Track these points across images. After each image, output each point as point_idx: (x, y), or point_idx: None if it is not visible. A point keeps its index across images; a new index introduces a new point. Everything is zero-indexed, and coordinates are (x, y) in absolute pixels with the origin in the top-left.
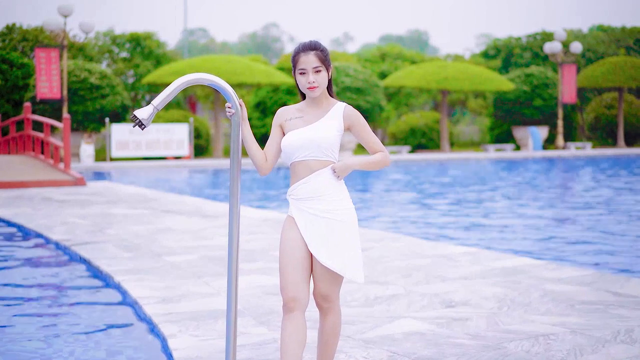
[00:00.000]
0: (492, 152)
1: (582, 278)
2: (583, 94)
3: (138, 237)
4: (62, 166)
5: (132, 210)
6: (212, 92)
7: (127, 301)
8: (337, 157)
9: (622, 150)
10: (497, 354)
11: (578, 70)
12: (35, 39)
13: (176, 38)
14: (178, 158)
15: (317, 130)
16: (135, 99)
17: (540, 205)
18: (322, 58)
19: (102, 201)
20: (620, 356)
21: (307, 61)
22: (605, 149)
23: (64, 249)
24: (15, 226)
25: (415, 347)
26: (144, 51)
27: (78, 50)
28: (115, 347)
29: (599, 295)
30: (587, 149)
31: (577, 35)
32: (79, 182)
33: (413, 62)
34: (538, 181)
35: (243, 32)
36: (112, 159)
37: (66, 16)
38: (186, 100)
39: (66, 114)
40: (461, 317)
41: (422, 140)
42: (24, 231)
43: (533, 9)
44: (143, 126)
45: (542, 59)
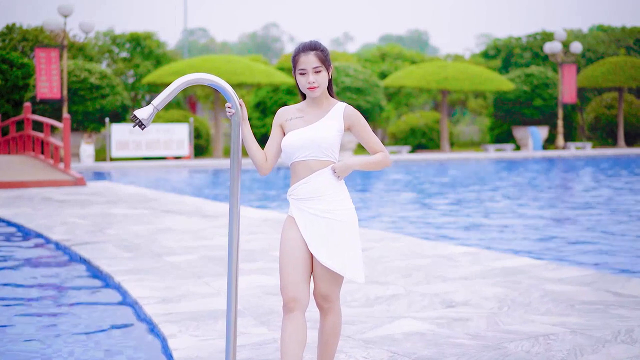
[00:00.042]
0: (492, 152)
1: (583, 278)
2: (583, 94)
3: (138, 237)
4: (62, 166)
5: (132, 210)
6: (212, 92)
7: (127, 301)
8: (338, 157)
9: (622, 150)
10: (498, 354)
11: (578, 70)
12: (35, 39)
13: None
14: (178, 158)
15: (318, 130)
16: (135, 99)
17: (540, 205)
18: (322, 58)
19: (102, 201)
20: (620, 356)
21: (307, 61)
22: (605, 149)
23: (64, 249)
24: (15, 226)
25: (415, 347)
26: (144, 51)
27: (78, 50)
28: (115, 347)
29: (599, 295)
30: (587, 149)
31: (577, 35)
32: (79, 182)
33: (413, 62)
34: (538, 181)
35: (243, 32)
36: (112, 159)
37: (66, 16)
38: (186, 100)
39: (66, 114)
40: (461, 317)
41: (422, 140)
42: (24, 231)
43: (533, 9)
44: (143, 126)
45: (542, 59)
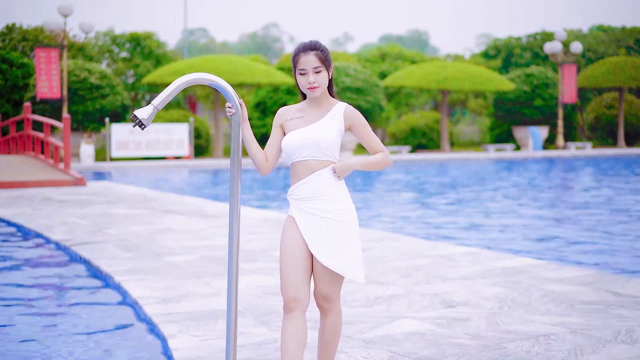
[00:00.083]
0: (492, 152)
1: (583, 278)
2: (583, 94)
3: (138, 237)
4: (62, 166)
5: (132, 210)
6: (212, 92)
7: (127, 301)
8: (338, 157)
9: (622, 150)
10: (498, 354)
11: (578, 70)
12: (35, 39)
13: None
14: (178, 158)
15: (318, 130)
16: (135, 99)
17: (540, 205)
18: (322, 58)
19: (102, 201)
20: (620, 356)
21: (307, 61)
22: (605, 149)
23: (64, 249)
24: (15, 226)
25: (415, 347)
26: (144, 51)
27: (78, 50)
28: (115, 347)
29: (600, 295)
30: (587, 149)
31: (577, 35)
32: (79, 182)
33: (413, 62)
34: (538, 181)
35: (243, 32)
36: (112, 159)
37: (66, 16)
38: (186, 100)
39: (66, 114)
40: (461, 317)
41: (422, 140)
42: (24, 231)
43: (533, 9)
44: (143, 126)
45: (542, 59)
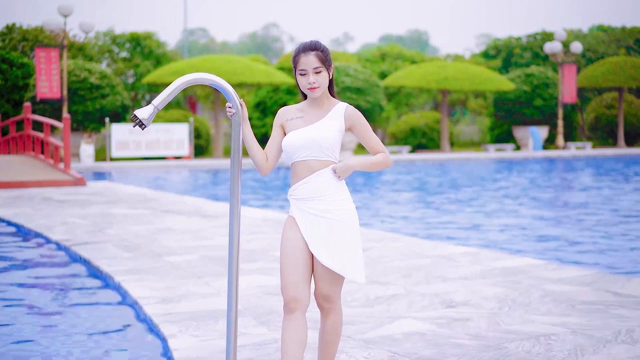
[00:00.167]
0: (493, 152)
1: (583, 278)
2: (583, 94)
3: (138, 237)
4: (62, 166)
5: (132, 210)
6: (212, 92)
7: (127, 301)
8: (338, 157)
9: (622, 150)
10: (498, 354)
11: (578, 70)
12: (35, 39)
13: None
14: (178, 158)
15: (318, 130)
16: (135, 99)
17: (540, 205)
18: (323, 58)
19: (102, 201)
20: (621, 356)
21: (308, 62)
22: (605, 149)
23: (64, 249)
24: (15, 226)
25: (415, 348)
26: (144, 51)
27: (78, 50)
28: (115, 348)
29: (600, 295)
30: (587, 149)
31: (577, 35)
32: (79, 182)
33: (413, 62)
34: (538, 181)
35: (243, 32)
36: (112, 159)
37: (66, 16)
38: (186, 100)
39: (66, 114)
40: (462, 318)
41: (423, 140)
42: (24, 231)
43: (533, 9)
44: (143, 126)
45: (542, 59)
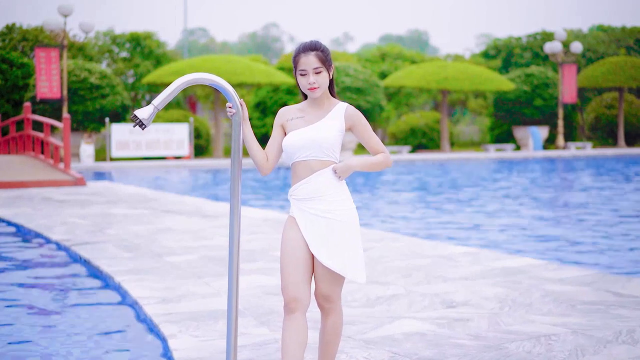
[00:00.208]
0: (493, 152)
1: (583, 278)
2: (583, 94)
3: (138, 237)
4: (62, 166)
5: (132, 210)
6: (212, 92)
7: (127, 301)
8: (339, 157)
9: (623, 150)
10: (499, 355)
11: (578, 70)
12: (35, 39)
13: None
14: (178, 158)
15: (319, 130)
16: (135, 99)
17: (540, 205)
18: (323, 58)
19: (102, 201)
20: (622, 357)
21: (308, 62)
22: (605, 149)
23: (64, 249)
24: (15, 226)
25: (416, 348)
26: (144, 51)
27: (78, 50)
28: (115, 348)
29: (600, 295)
30: (588, 149)
31: (577, 35)
32: (79, 182)
33: (413, 62)
34: (538, 181)
35: (243, 32)
36: (112, 159)
37: (66, 16)
38: (186, 100)
39: (66, 114)
40: (462, 318)
41: (423, 140)
42: (24, 231)
43: (533, 9)
44: (143, 126)
45: (543, 59)
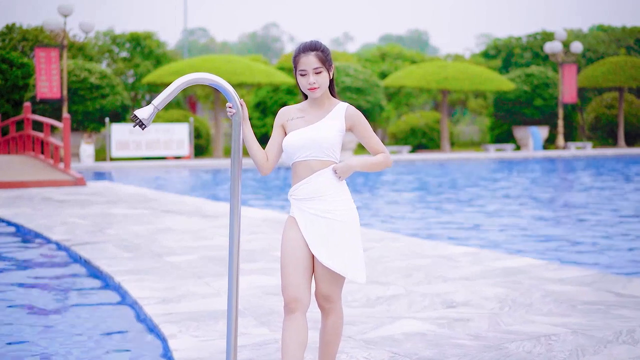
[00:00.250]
0: (493, 152)
1: (583, 278)
2: (583, 94)
3: (138, 237)
4: (62, 166)
5: (132, 210)
6: (212, 92)
7: (127, 301)
8: (339, 158)
9: (623, 150)
10: (499, 355)
11: (578, 70)
12: (35, 39)
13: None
14: (178, 158)
15: (319, 130)
16: (135, 99)
17: (540, 205)
18: (323, 59)
19: (102, 201)
20: (622, 357)
21: (308, 62)
22: (605, 149)
23: (64, 249)
24: (15, 226)
25: (416, 348)
26: (144, 51)
27: (78, 50)
28: (115, 348)
29: (601, 295)
30: (588, 149)
31: (578, 35)
32: (79, 182)
33: (413, 62)
34: (538, 181)
35: (243, 32)
36: (112, 159)
37: (66, 16)
38: (186, 100)
39: (66, 114)
40: (462, 318)
41: (423, 140)
42: (24, 231)
43: (533, 9)
44: (143, 126)
45: (543, 59)
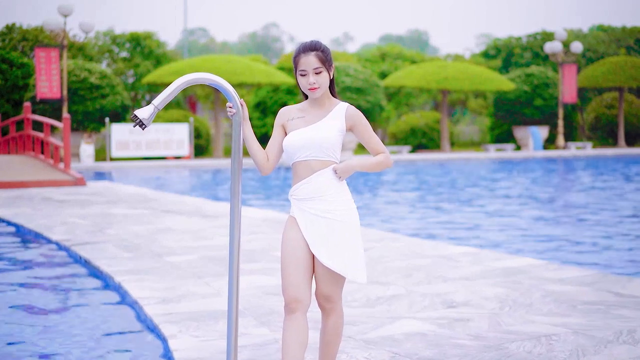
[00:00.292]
0: (493, 152)
1: (584, 278)
2: (583, 94)
3: (138, 237)
4: (62, 166)
5: (132, 210)
6: (212, 92)
7: (127, 301)
8: (339, 158)
9: (623, 150)
10: (499, 355)
11: (578, 70)
12: (35, 39)
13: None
14: (178, 158)
15: (319, 130)
16: (135, 99)
17: (540, 205)
18: (323, 59)
19: (102, 201)
20: (622, 357)
21: (308, 62)
22: (605, 149)
23: (64, 249)
24: (15, 226)
25: (416, 348)
26: (144, 51)
27: (78, 50)
28: (115, 348)
29: (601, 295)
30: (588, 149)
31: (578, 35)
32: (79, 182)
33: (413, 62)
34: (539, 181)
35: (243, 32)
36: (112, 159)
37: (66, 16)
38: (186, 100)
39: (66, 114)
40: (462, 318)
41: (423, 140)
42: (24, 231)
43: (533, 9)
44: (144, 126)
45: (543, 59)
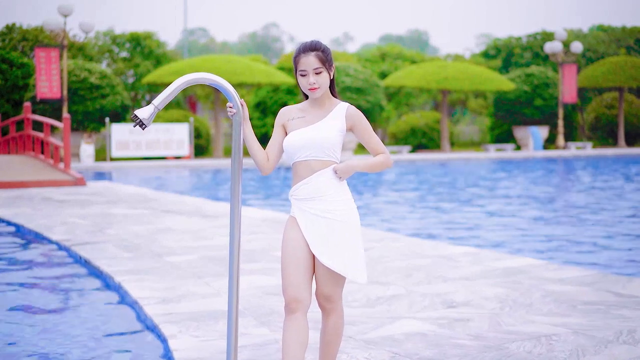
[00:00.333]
0: (493, 152)
1: (584, 278)
2: (583, 94)
3: (138, 237)
4: (62, 166)
5: (132, 210)
6: (212, 92)
7: (127, 301)
8: (340, 158)
9: (623, 150)
10: (499, 355)
11: (578, 70)
12: (35, 39)
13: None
14: (178, 158)
15: (319, 130)
16: (135, 99)
17: (540, 205)
18: (323, 59)
19: (102, 201)
20: (623, 357)
21: (308, 62)
22: (605, 149)
23: (64, 249)
24: (15, 226)
25: (416, 348)
26: (144, 51)
27: (78, 50)
28: (115, 348)
29: (601, 295)
30: (588, 149)
31: (578, 35)
32: (79, 182)
33: (413, 62)
34: (539, 181)
35: (243, 32)
36: (112, 159)
37: (66, 16)
38: (186, 100)
39: (66, 114)
40: (463, 318)
41: (423, 140)
42: (24, 231)
43: (533, 9)
44: (144, 126)
45: (543, 59)
